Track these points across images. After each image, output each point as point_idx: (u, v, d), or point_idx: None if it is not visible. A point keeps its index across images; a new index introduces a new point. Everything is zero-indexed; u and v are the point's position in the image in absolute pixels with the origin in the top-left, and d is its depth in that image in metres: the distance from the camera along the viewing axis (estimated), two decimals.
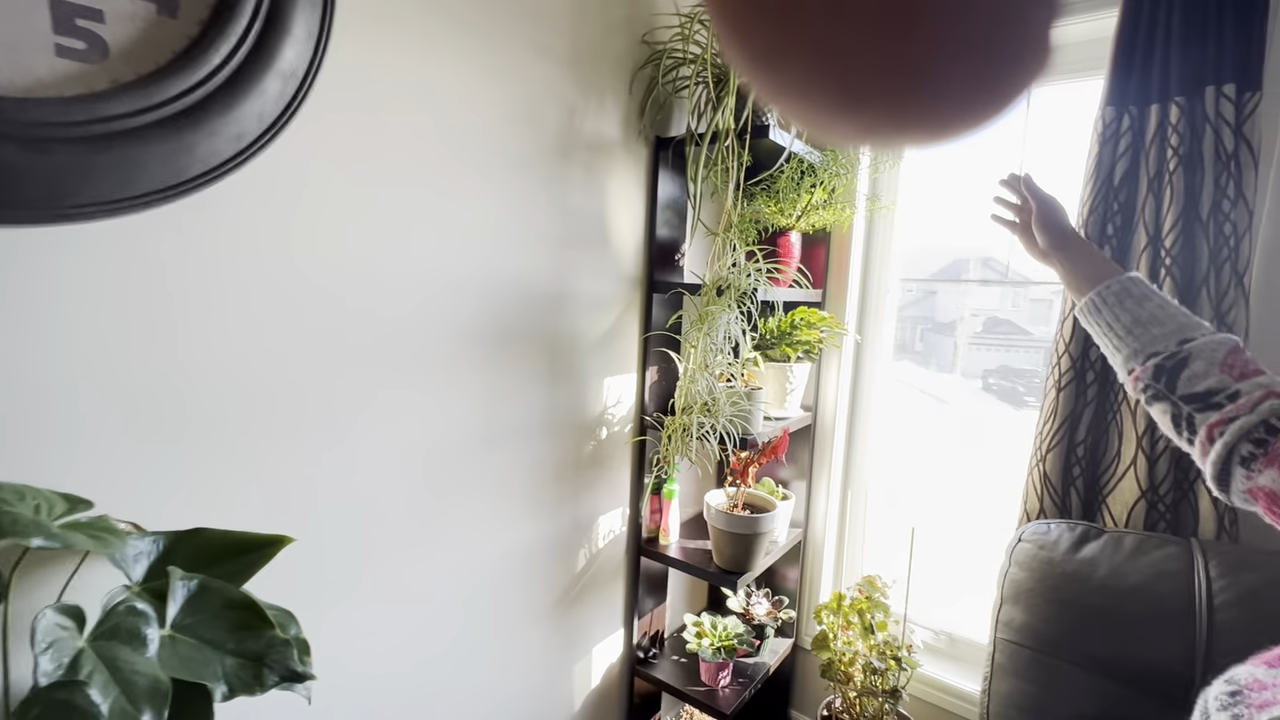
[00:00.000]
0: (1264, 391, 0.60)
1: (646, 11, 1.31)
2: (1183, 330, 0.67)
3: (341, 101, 0.84)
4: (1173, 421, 0.66)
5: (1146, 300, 0.71)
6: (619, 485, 1.44)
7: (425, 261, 0.97)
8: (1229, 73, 1.01)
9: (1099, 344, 0.76)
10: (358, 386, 0.91)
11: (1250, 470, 0.58)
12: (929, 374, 4.53)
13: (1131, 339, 0.70)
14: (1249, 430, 0.58)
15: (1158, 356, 0.67)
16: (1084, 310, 0.77)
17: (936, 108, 0.20)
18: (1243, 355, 0.64)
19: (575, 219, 1.22)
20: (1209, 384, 0.63)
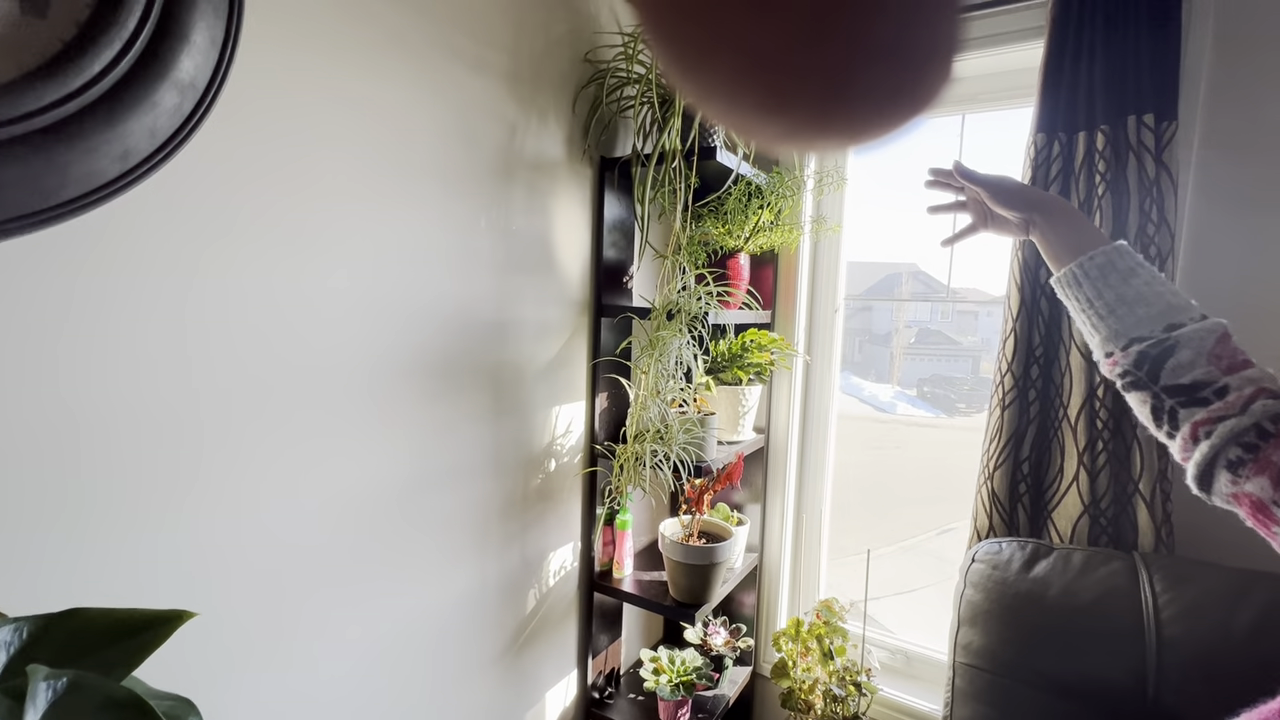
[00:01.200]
0: (1254, 389, 0.56)
1: (589, 29, 1.28)
2: (1170, 313, 0.62)
3: (255, 116, 0.76)
4: (1152, 413, 0.61)
5: (1133, 276, 0.64)
6: (569, 518, 1.37)
7: (353, 292, 0.89)
8: (1148, 102, 1.06)
9: (1074, 318, 0.70)
10: (275, 431, 0.82)
11: (1237, 475, 0.55)
12: (869, 384, 4.62)
13: (1113, 319, 0.64)
14: (1239, 433, 0.55)
15: (1142, 343, 0.62)
16: (1061, 281, 0.70)
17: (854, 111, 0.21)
18: (1231, 343, 0.60)
19: (518, 242, 1.16)
20: (1195, 376, 0.59)
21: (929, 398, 4.94)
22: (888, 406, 4.86)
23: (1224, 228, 1.12)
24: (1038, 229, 0.73)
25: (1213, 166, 1.12)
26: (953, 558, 4.66)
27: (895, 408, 4.87)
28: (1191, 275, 1.14)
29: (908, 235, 1.92)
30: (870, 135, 0.22)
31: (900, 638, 1.63)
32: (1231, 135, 1.10)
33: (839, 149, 0.24)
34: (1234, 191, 1.11)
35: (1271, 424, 0.54)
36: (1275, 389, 0.56)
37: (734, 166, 1.26)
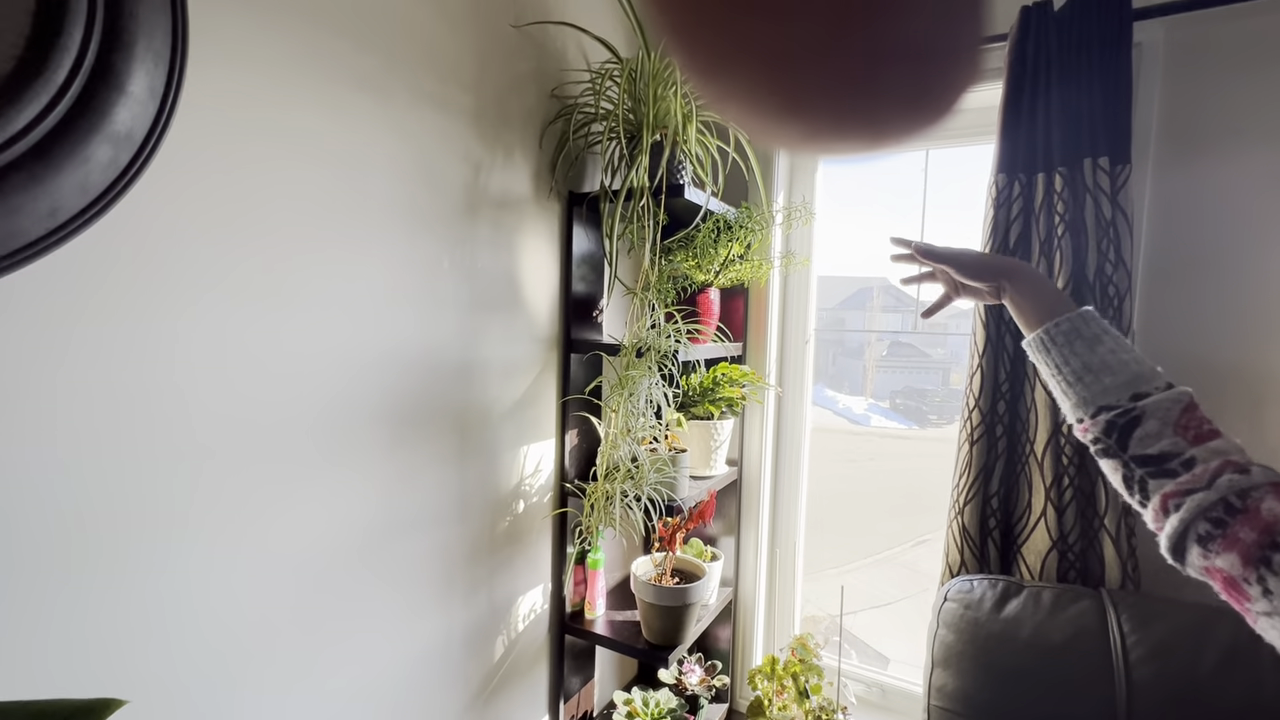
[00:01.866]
0: (1221, 461, 0.56)
1: (555, 66, 1.27)
2: (1136, 382, 0.62)
3: (203, 162, 0.73)
4: (1124, 481, 0.62)
5: (1098, 344, 0.65)
6: (539, 559, 1.34)
7: (311, 340, 0.85)
8: (1103, 146, 1.09)
9: (1045, 380, 0.70)
10: (224, 490, 0.77)
11: (1207, 550, 0.54)
12: (843, 397, 4.66)
13: (1081, 386, 0.65)
14: (1206, 508, 0.55)
15: (1110, 411, 0.62)
16: (1030, 346, 0.71)
17: (875, 114, 0.21)
18: (1197, 413, 0.60)
19: (484, 280, 1.14)
20: (1163, 446, 0.59)
21: (901, 409, 5.02)
22: (861, 419, 4.92)
23: (1178, 267, 1.15)
24: (1007, 295, 0.74)
25: (1166, 208, 1.15)
26: (927, 570, 4.69)
27: (869, 420, 4.93)
28: (1148, 311, 1.16)
29: (878, 250, 1.94)
30: (893, 137, 0.22)
31: (877, 670, 1.62)
32: (1182, 178, 1.14)
33: (861, 152, 0.24)
34: (1186, 232, 1.14)
35: (1238, 499, 0.54)
36: (1241, 461, 0.56)
37: (702, 203, 1.25)
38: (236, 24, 0.75)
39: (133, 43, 0.62)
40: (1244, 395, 1.11)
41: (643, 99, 1.17)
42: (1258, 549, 0.53)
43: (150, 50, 0.64)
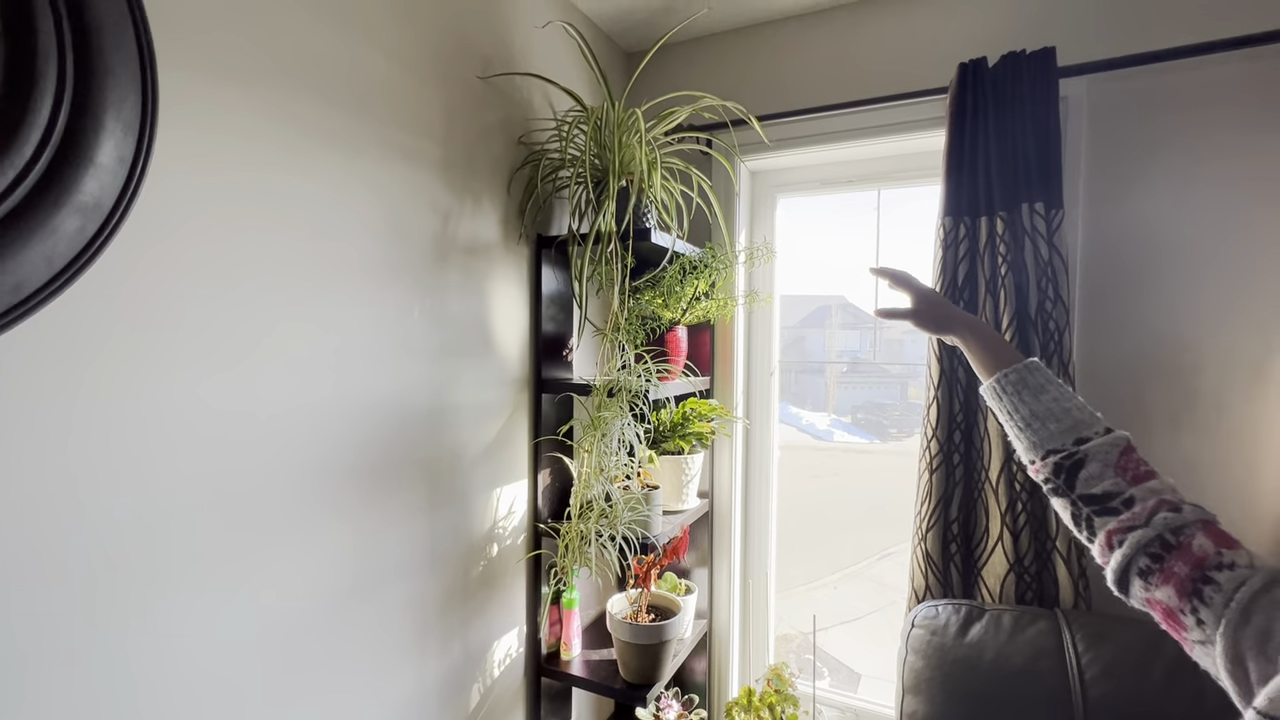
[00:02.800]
0: (1156, 500, 0.62)
1: (522, 114, 1.30)
2: (1078, 428, 0.68)
3: (173, 227, 0.72)
4: (1073, 519, 0.67)
5: (1043, 392, 0.71)
6: (513, 602, 1.33)
7: (279, 400, 0.84)
8: (1038, 192, 1.17)
9: (1004, 427, 0.76)
10: (189, 556, 0.75)
11: (1148, 583, 0.59)
12: (806, 413, 4.78)
13: (1030, 432, 0.70)
14: (1145, 544, 0.60)
15: (1056, 455, 0.68)
16: (985, 393, 0.78)
17: None
18: (1134, 456, 0.66)
19: (454, 326, 1.14)
20: (1105, 486, 0.64)
21: (863, 424, 5.16)
22: (825, 435, 5.04)
23: (1109, 303, 1.23)
24: (963, 345, 0.82)
25: (1096, 246, 1.24)
26: (893, 583, 4.76)
27: (832, 435, 5.05)
28: (1086, 344, 1.25)
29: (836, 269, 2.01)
30: None
31: (849, 693, 1.65)
32: (1108, 217, 1.23)
33: None
34: (1114, 271, 1.23)
35: (1173, 536, 0.59)
36: (1175, 500, 0.62)
37: (669, 245, 1.29)
38: (205, 86, 0.76)
39: (102, 114, 0.62)
40: (1170, 408, 1.19)
41: (608, 146, 1.21)
42: (1190, 582, 0.58)
43: (120, 120, 0.64)
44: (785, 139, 1.50)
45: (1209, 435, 1.17)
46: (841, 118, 1.44)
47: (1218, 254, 1.16)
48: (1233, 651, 0.55)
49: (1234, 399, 1.15)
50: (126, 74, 0.65)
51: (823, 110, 1.42)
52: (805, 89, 1.50)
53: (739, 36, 1.58)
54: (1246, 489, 1.15)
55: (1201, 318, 1.17)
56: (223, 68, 0.77)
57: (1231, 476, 1.16)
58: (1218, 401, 1.16)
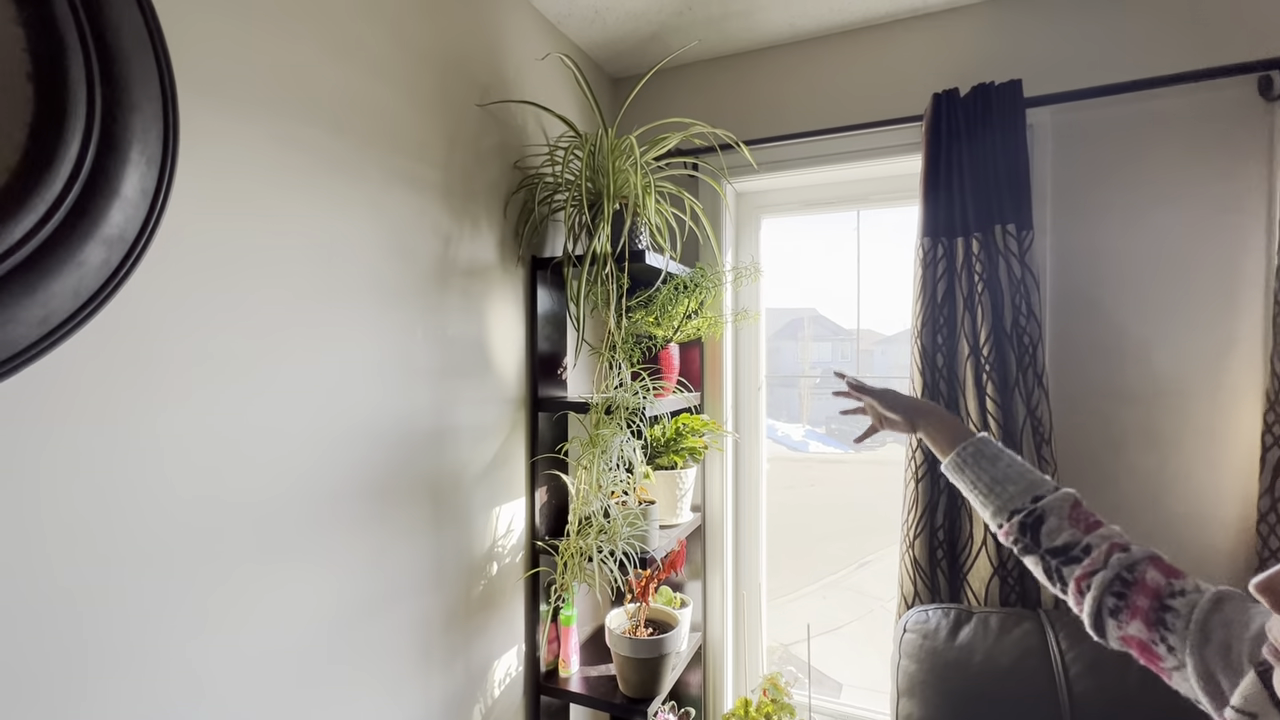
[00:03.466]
0: (1109, 544, 0.69)
1: (518, 140, 1.33)
2: (1033, 488, 0.76)
3: (189, 255, 0.74)
4: (1045, 574, 0.73)
5: (998, 460, 0.80)
6: (513, 620, 1.33)
7: (287, 424, 0.85)
8: (1009, 214, 1.25)
9: (968, 497, 0.84)
10: (196, 587, 0.76)
11: (1119, 621, 0.66)
12: (782, 424, 4.85)
13: (994, 497, 0.78)
14: (1108, 584, 0.66)
15: (1019, 514, 0.75)
16: (949, 468, 0.85)
17: None
18: (1083, 509, 0.74)
19: (455, 347, 1.16)
20: (1065, 538, 0.71)
21: (837, 434, 5.26)
22: (800, 445, 5.12)
23: (1076, 316, 1.31)
24: (920, 429, 0.92)
25: (1062, 267, 1.32)
26: (872, 591, 4.82)
27: (807, 446, 5.14)
28: (1057, 357, 1.32)
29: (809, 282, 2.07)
30: None
31: (834, 699, 1.68)
32: (1072, 240, 1.31)
33: None
34: (1079, 286, 1.31)
35: (1128, 573, 0.67)
36: (1124, 542, 0.70)
37: (663, 266, 1.33)
38: (222, 119, 0.77)
39: (128, 148, 0.64)
40: (1134, 411, 1.27)
41: (603, 170, 1.25)
42: (1153, 612, 0.64)
43: (144, 154, 0.65)
44: (770, 162, 1.56)
45: (1172, 433, 1.25)
46: (823, 142, 1.50)
47: (1169, 264, 1.25)
48: (1203, 669, 0.60)
49: (1195, 396, 1.23)
50: (150, 108, 0.66)
51: (805, 135, 1.48)
52: (788, 115, 1.57)
53: (725, 64, 1.64)
54: (1209, 483, 1.23)
55: (1156, 322, 1.26)
56: (237, 100, 0.79)
57: (1196, 471, 1.24)
58: (1178, 399, 1.24)
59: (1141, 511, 1.27)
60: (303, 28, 0.87)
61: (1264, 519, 1.14)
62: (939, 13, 1.42)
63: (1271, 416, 1.14)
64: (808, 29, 1.51)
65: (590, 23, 1.48)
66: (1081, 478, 1.31)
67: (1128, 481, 1.28)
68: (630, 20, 1.47)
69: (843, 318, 1.93)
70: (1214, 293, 1.22)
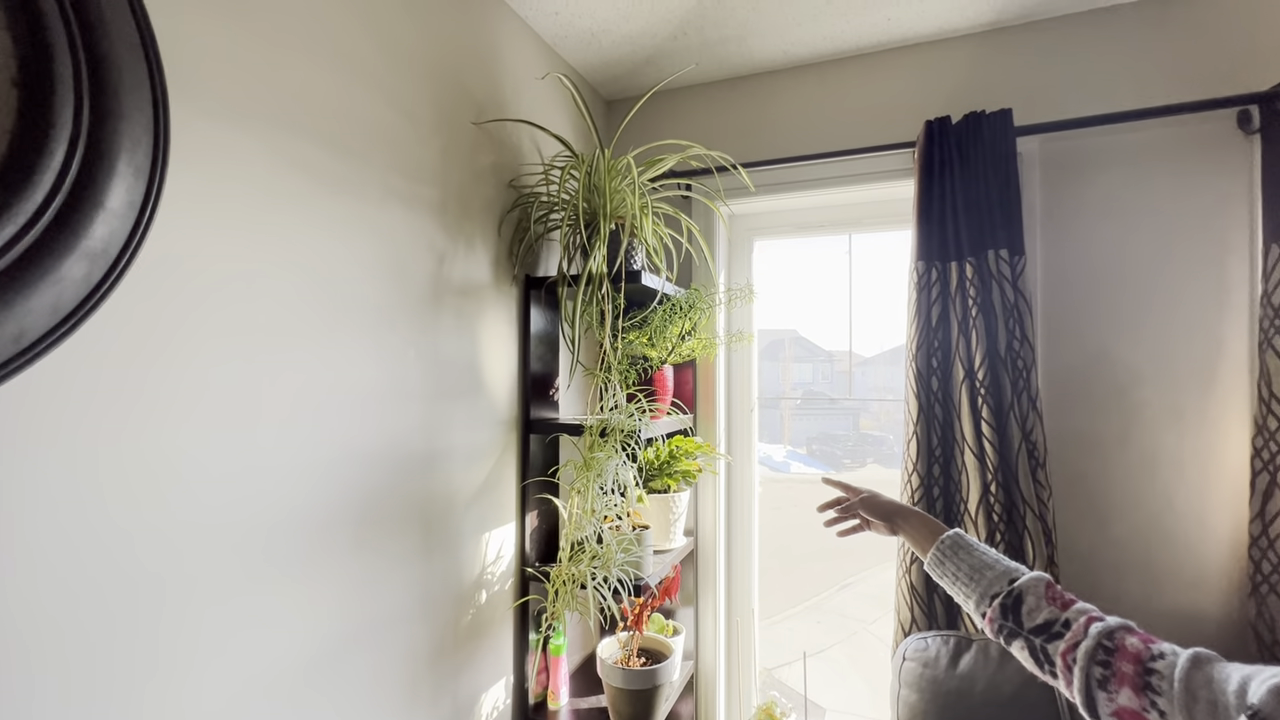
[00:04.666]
0: (1086, 617, 0.71)
1: (513, 159, 1.32)
2: (1008, 572, 0.80)
3: (177, 271, 0.70)
4: (1032, 657, 0.74)
5: (974, 549, 0.84)
6: (501, 651, 1.28)
7: (280, 449, 0.82)
8: (1002, 239, 1.26)
9: (950, 593, 0.86)
10: (176, 618, 0.71)
11: (1108, 692, 0.66)
12: (764, 445, 4.86)
13: (974, 585, 0.81)
14: (1092, 653, 0.68)
15: (999, 597, 0.78)
16: (930, 565, 0.89)
17: None
18: (1056, 589, 0.76)
19: (447, 368, 1.13)
20: (1045, 616, 0.74)
21: (818, 455, 5.27)
22: (782, 466, 5.12)
23: (1067, 339, 1.32)
24: (900, 530, 0.95)
25: (1052, 291, 1.33)
26: (854, 614, 4.80)
27: (789, 467, 5.14)
28: (1050, 382, 1.33)
29: (798, 306, 2.08)
30: None
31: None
32: (1062, 265, 1.33)
33: None
34: (1069, 310, 1.32)
35: (1109, 640, 0.68)
36: (1098, 615, 0.72)
37: (658, 287, 1.32)
38: (216, 131, 0.75)
39: (115, 158, 0.61)
40: (1122, 428, 1.28)
41: (599, 190, 1.24)
42: (1138, 678, 0.65)
43: (132, 164, 0.63)
44: (764, 185, 1.57)
45: (1164, 458, 1.26)
46: (816, 166, 1.52)
47: (1156, 291, 1.27)
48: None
49: (1185, 421, 1.25)
50: (140, 117, 0.64)
51: (799, 159, 1.49)
52: (782, 139, 1.58)
53: (719, 88, 1.66)
54: (1200, 506, 1.23)
55: (1145, 348, 1.27)
56: (233, 113, 0.77)
57: (1187, 495, 1.24)
58: (1168, 425, 1.25)
59: (1134, 536, 1.27)
60: (300, 42, 0.86)
61: (1255, 543, 1.15)
62: (930, 42, 1.46)
63: (1260, 441, 1.15)
64: (801, 55, 1.53)
65: (586, 45, 1.49)
66: (1073, 502, 1.31)
67: (1120, 505, 1.29)
68: (626, 44, 1.48)
69: (823, 339, 1.93)
70: (1201, 319, 1.25)
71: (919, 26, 1.40)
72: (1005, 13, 1.34)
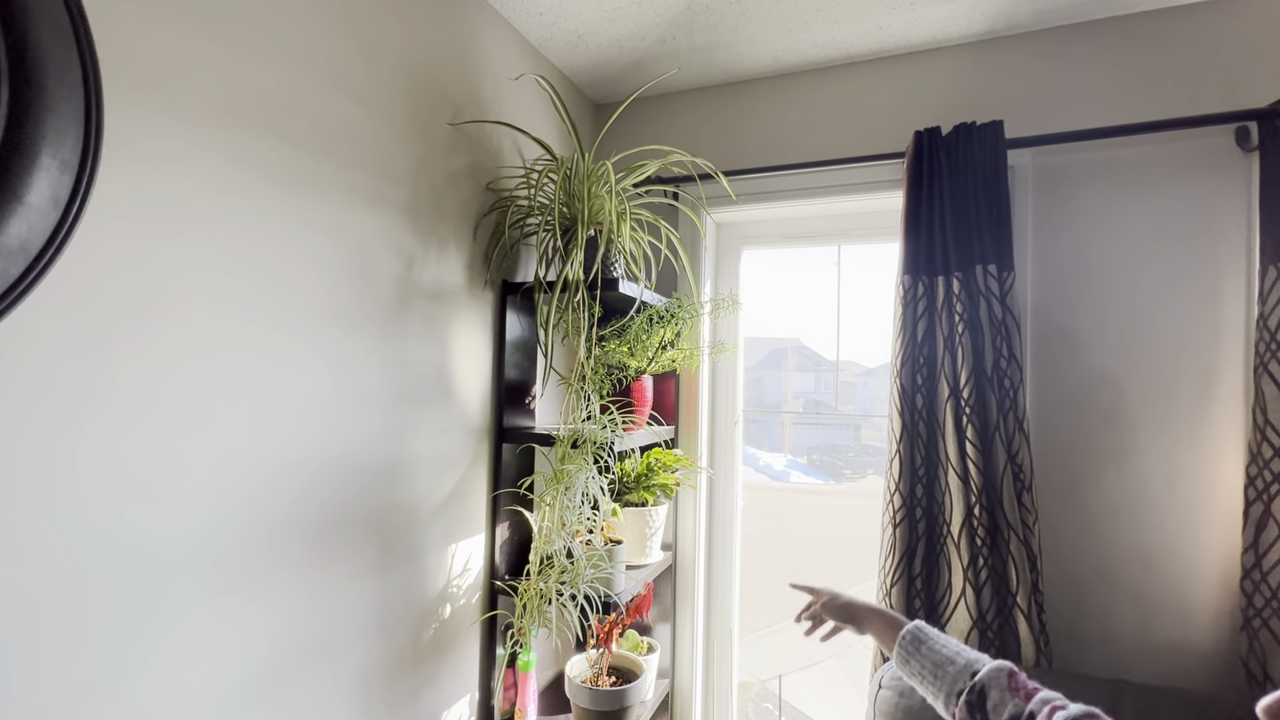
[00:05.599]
0: (1050, 707, 0.71)
1: (491, 161, 1.29)
2: (969, 665, 0.79)
3: (109, 270, 0.67)
4: None
5: (934, 644, 0.85)
6: (466, 667, 1.24)
7: (225, 456, 0.78)
8: (990, 254, 1.22)
9: (923, 694, 0.85)
10: (99, 640, 0.67)
11: None
12: (764, 454, 4.80)
13: (939, 682, 0.80)
14: None
15: (963, 694, 0.77)
16: (897, 665, 0.88)
17: None
18: (1019, 677, 0.76)
19: (414, 375, 1.10)
20: (1010, 711, 0.73)
21: (818, 465, 5.22)
22: (781, 475, 5.07)
23: (1055, 357, 1.28)
24: (864, 630, 0.95)
25: (1042, 307, 1.30)
26: None
27: (789, 476, 5.09)
28: (1038, 402, 1.29)
29: (791, 315, 2.05)
30: None
31: None
32: (1051, 280, 1.29)
33: None
34: (1059, 327, 1.28)
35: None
36: (1062, 703, 0.72)
37: (636, 295, 1.29)
38: (158, 125, 0.72)
39: (37, 151, 0.58)
40: (1114, 444, 1.24)
41: (578, 195, 1.21)
42: None
43: (57, 159, 0.60)
44: (750, 194, 1.54)
45: (1154, 484, 1.22)
46: (805, 175, 1.48)
47: (1146, 307, 1.23)
48: None
49: (1177, 446, 1.20)
50: (69, 109, 0.60)
51: (787, 168, 1.46)
52: (770, 147, 1.55)
53: (707, 94, 1.63)
54: (1191, 536, 1.19)
55: (1137, 370, 1.23)
56: (179, 107, 0.74)
57: (1178, 524, 1.20)
58: (1160, 449, 1.21)
59: (1123, 564, 1.23)
60: (258, 31, 0.83)
61: (1248, 575, 1.11)
62: (922, 52, 1.42)
63: (1254, 470, 1.11)
64: (791, 63, 1.50)
65: (573, 48, 1.46)
66: (1060, 527, 1.27)
67: (1109, 532, 1.24)
68: (613, 47, 1.45)
69: (826, 349, 1.91)
70: (1195, 342, 1.21)
71: (911, 36, 1.37)
72: (998, 23, 1.31)
